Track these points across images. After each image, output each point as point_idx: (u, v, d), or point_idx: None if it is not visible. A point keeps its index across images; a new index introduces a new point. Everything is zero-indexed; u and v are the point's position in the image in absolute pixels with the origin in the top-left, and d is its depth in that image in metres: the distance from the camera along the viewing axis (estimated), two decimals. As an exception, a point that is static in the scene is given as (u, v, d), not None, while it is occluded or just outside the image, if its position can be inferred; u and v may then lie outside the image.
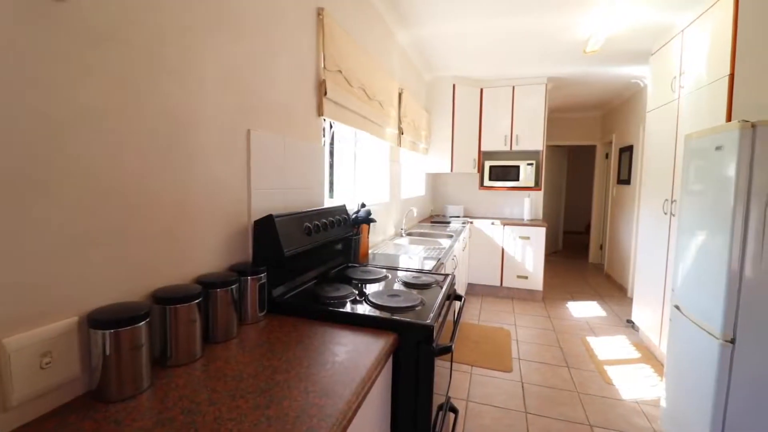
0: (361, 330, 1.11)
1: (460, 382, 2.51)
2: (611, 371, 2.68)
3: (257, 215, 1.31)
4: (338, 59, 1.89)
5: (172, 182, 0.99)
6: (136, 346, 0.79)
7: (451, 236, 3.26)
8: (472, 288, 4.50)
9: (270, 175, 1.39)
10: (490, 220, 4.38)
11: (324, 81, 1.78)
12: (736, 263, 1.50)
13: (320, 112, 1.80)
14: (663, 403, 2.01)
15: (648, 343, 3.09)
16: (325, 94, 1.79)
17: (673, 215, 2.68)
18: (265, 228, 1.25)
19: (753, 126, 1.47)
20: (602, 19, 2.71)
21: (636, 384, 2.52)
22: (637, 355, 2.95)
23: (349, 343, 1.02)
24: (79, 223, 0.77)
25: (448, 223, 4.21)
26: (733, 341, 1.52)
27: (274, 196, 1.42)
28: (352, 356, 0.94)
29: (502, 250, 4.32)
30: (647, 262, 3.14)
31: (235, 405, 0.74)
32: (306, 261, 1.48)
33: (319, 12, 1.74)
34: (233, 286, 1.06)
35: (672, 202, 2.72)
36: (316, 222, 1.48)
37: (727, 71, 2.14)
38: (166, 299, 0.90)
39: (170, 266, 1.00)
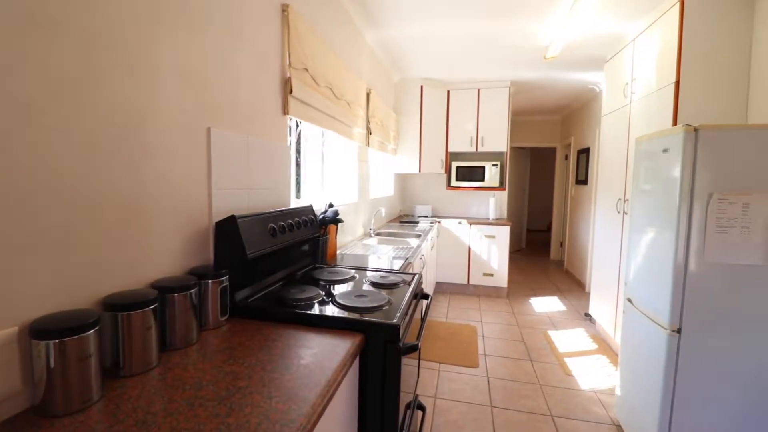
0: (328, 331, 1.10)
1: (429, 379, 2.54)
2: (571, 363, 2.81)
3: (219, 216, 1.26)
4: (304, 57, 1.86)
5: (123, 182, 0.93)
6: (84, 357, 0.74)
7: (419, 236, 3.29)
8: (440, 286, 4.57)
9: (232, 175, 1.35)
10: (458, 220, 4.47)
11: (290, 79, 1.75)
12: (681, 258, 1.61)
13: (286, 110, 1.76)
14: (618, 392, 2.12)
15: (604, 335, 3.25)
16: (291, 92, 1.75)
17: (626, 213, 2.84)
18: (228, 229, 1.20)
19: (696, 130, 1.58)
20: (561, 26, 2.83)
21: (593, 374, 2.65)
22: (594, 346, 3.11)
23: (315, 346, 1.00)
24: (15, 226, 0.71)
25: (417, 222, 4.26)
26: (679, 331, 1.62)
27: (237, 197, 1.38)
28: (317, 359, 0.93)
29: (469, 248, 4.42)
30: (603, 258, 3.31)
31: (193, 414, 0.71)
32: (271, 263, 1.45)
33: (284, 8, 1.70)
34: (192, 291, 1.02)
35: (624, 201, 2.88)
36: (282, 223, 1.45)
37: (674, 78, 2.29)
38: (117, 306, 0.85)
39: (123, 271, 0.94)
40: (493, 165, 4.65)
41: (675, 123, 2.27)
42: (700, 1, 2.22)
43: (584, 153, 5.14)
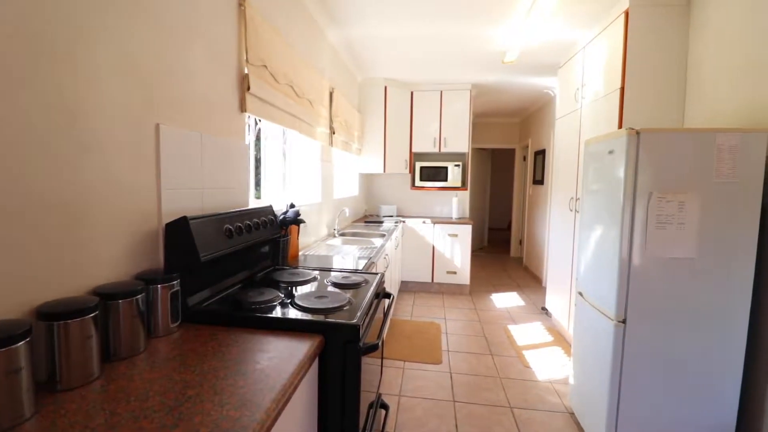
0: (286, 334, 1.08)
1: (393, 377, 2.56)
2: (529, 355, 2.92)
3: (169, 217, 1.20)
4: (263, 54, 1.81)
5: (60, 182, 0.87)
6: (14, 370, 0.69)
7: (383, 236, 3.30)
8: (405, 285, 4.61)
9: (184, 174, 1.29)
10: (422, 219, 4.53)
11: (247, 75, 1.70)
12: (626, 253, 1.71)
13: (243, 108, 1.71)
14: (571, 381, 2.23)
15: (559, 327, 3.42)
16: (249, 89, 1.70)
17: (578, 212, 2.99)
18: (179, 231, 1.15)
19: (638, 133, 1.69)
20: (517, 32, 2.93)
21: (549, 365, 2.77)
22: (550, 338, 3.26)
23: (272, 350, 0.98)
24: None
25: (382, 222, 4.27)
26: (624, 321, 1.73)
27: (190, 197, 1.32)
28: (274, 363, 0.90)
29: (433, 247, 4.49)
30: (557, 254, 3.47)
31: (137, 427, 0.67)
32: (227, 265, 1.40)
33: (241, 2, 1.65)
34: (138, 296, 0.96)
35: (576, 200, 3.03)
36: (239, 224, 1.40)
37: (619, 85, 2.45)
38: (53, 315, 0.79)
39: (60, 277, 0.88)
40: (456, 165, 4.76)
41: (620, 126, 2.42)
42: (642, 14, 2.38)
43: (541, 154, 5.37)
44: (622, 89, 2.42)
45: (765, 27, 1.75)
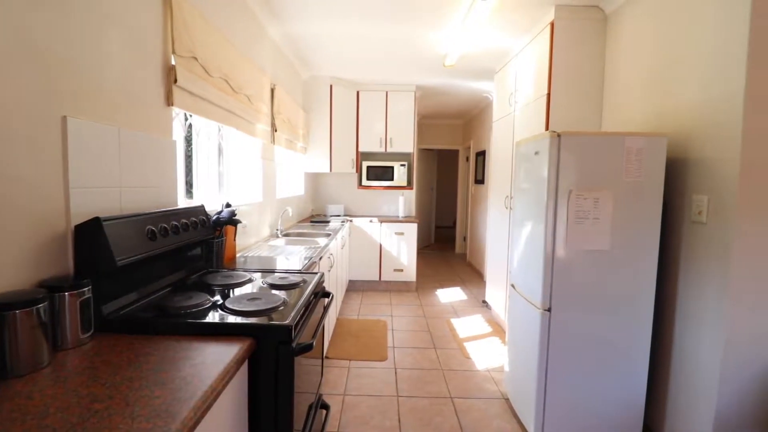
0: (214, 339, 1.03)
1: (338, 377, 2.55)
2: (469, 347, 3.06)
3: (80, 218, 1.10)
4: (192, 45, 1.72)
5: (-64, 179, 0.76)
6: None
7: (329, 235, 3.28)
8: (353, 284, 4.61)
9: (99, 172, 1.19)
10: (369, 218, 4.55)
11: (174, 67, 1.60)
12: (550, 247, 1.85)
13: (170, 101, 1.61)
14: (506, 368, 2.37)
15: (498, 318, 3.61)
16: (176, 81, 1.60)
17: (511, 209, 3.18)
18: (91, 233, 1.06)
19: (559, 135, 1.83)
20: (456, 37, 3.05)
21: (488, 355, 2.92)
22: (489, 329, 3.43)
23: (197, 356, 0.93)
24: None
25: (328, 222, 4.23)
26: (549, 310, 1.87)
27: (106, 196, 1.22)
28: (197, 370, 0.86)
29: (380, 246, 4.54)
30: (495, 250, 3.66)
31: (30, 449, 0.61)
32: (151, 269, 1.31)
33: (165, -11, 1.55)
34: (40, 306, 0.87)
35: (511, 198, 3.22)
36: (164, 225, 1.32)
37: (546, 91, 2.63)
38: (-73, 331, 0.70)
39: (-62, 287, 0.77)
40: (402, 165, 4.84)
41: (546, 129, 2.60)
42: (565, 26, 2.57)
43: (482, 155, 5.62)
44: (549, 95, 2.61)
45: (667, 43, 1.97)
